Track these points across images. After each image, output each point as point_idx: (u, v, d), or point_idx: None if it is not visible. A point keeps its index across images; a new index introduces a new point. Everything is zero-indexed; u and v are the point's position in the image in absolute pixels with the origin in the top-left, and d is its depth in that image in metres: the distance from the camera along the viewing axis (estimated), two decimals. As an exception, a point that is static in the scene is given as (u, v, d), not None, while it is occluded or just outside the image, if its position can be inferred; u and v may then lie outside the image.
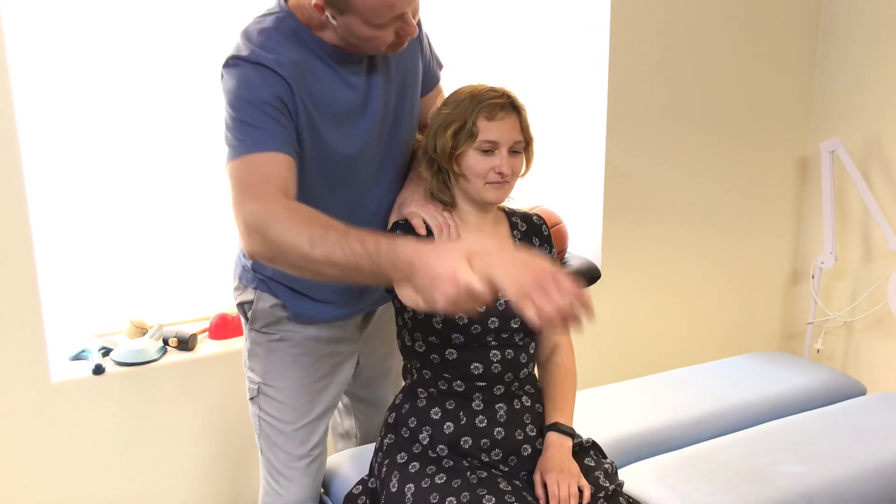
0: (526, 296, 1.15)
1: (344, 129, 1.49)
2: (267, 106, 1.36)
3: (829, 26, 2.97)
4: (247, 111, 1.36)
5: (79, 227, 2.20)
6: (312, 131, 1.44)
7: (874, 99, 2.85)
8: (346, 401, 1.95)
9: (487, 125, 1.50)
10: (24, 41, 2.02)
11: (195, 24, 2.20)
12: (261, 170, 1.33)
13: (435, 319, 1.53)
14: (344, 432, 2.01)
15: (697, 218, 2.94)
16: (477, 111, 1.50)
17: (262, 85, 1.37)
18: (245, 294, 1.69)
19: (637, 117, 2.71)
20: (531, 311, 1.14)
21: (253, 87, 1.37)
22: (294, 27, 1.43)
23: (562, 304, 1.14)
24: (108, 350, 2.19)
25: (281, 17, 1.43)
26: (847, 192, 2.97)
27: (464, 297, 1.16)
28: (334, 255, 1.22)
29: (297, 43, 1.43)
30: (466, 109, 1.50)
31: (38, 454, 2.06)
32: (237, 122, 1.37)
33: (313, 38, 1.43)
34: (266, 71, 1.37)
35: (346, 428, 2.00)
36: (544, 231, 1.70)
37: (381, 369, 1.88)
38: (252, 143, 1.35)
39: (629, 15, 2.60)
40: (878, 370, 2.96)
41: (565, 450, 1.57)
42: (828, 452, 1.93)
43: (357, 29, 1.35)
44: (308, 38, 1.43)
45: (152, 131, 2.22)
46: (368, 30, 1.35)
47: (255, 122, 1.35)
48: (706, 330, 3.08)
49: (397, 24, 1.36)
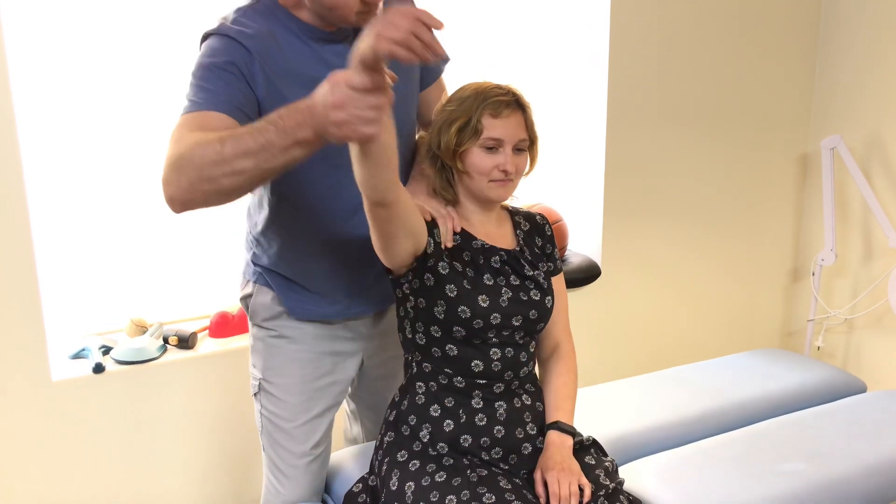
0: (378, 35, 1.10)
1: None
2: (218, 69, 1.39)
3: (829, 24, 2.97)
4: (200, 74, 1.40)
5: (79, 226, 2.20)
6: (278, 100, 1.39)
7: (875, 96, 2.85)
8: (353, 406, 1.94)
9: (492, 123, 1.50)
10: (22, 36, 2.02)
11: (194, 24, 2.20)
12: (193, 124, 1.32)
13: (437, 309, 1.53)
14: (352, 438, 2.00)
15: (698, 215, 2.93)
16: (482, 108, 1.49)
17: (220, 52, 1.41)
18: (246, 288, 1.70)
19: (637, 115, 2.71)
20: (380, 45, 1.09)
21: (212, 54, 1.41)
22: (269, 5, 1.47)
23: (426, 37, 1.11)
24: (108, 348, 2.19)
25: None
26: (847, 189, 2.97)
27: (356, 98, 1.13)
28: (244, 143, 1.20)
29: (270, 18, 1.47)
30: (471, 106, 1.50)
31: (39, 452, 2.06)
32: (191, 86, 1.40)
33: (288, 15, 1.47)
34: (227, 40, 1.42)
35: (353, 434, 1.99)
36: (547, 231, 1.70)
37: (385, 372, 1.85)
38: (195, 103, 1.36)
39: (629, 13, 2.60)
40: (879, 367, 2.96)
41: (566, 448, 1.57)
42: (828, 450, 1.93)
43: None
44: (282, 14, 1.47)
45: (151, 129, 2.22)
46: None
47: (206, 85, 1.38)
48: (706, 327, 3.08)
49: None
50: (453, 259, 1.54)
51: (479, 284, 1.53)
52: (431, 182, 1.58)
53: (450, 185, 1.57)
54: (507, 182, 1.54)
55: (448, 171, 1.56)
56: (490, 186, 1.53)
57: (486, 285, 1.54)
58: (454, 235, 1.55)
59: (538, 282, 1.60)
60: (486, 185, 1.53)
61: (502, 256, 1.58)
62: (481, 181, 1.53)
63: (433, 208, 1.56)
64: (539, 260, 1.65)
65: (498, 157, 1.51)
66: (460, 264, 1.54)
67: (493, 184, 1.53)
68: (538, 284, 1.60)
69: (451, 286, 1.52)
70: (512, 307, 1.55)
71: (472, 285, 1.52)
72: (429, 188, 1.59)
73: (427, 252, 1.52)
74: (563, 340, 1.70)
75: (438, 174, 1.56)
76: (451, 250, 1.55)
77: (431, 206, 1.56)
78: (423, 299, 1.54)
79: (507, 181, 1.53)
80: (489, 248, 1.58)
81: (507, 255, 1.59)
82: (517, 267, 1.59)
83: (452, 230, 1.55)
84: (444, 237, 1.53)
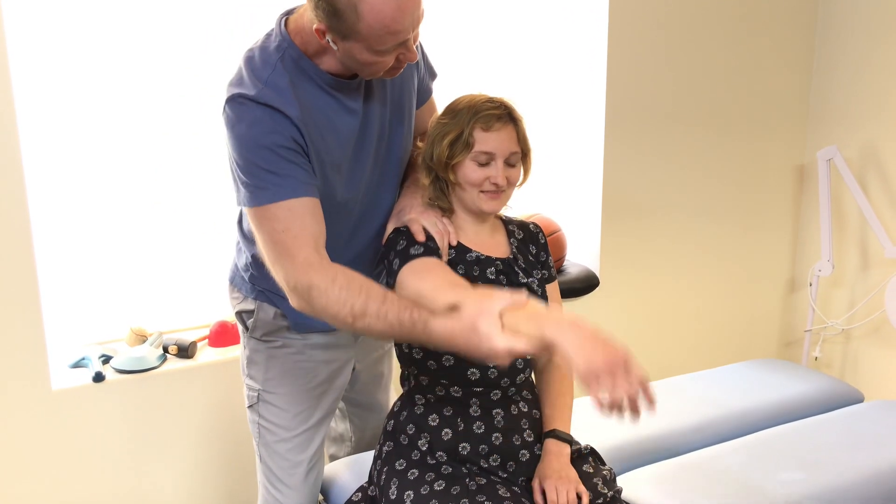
0: (595, 377, 1.15)
1: (347, 154, 1.51)
2: (283, 149, 1.38)
3: (825, 35, 2.99)
4: (264, 156, 1.37)
5: (79, 236, 2.20)
6: (320, 165, 1.46)
7: (870, 107, 2.87)
8: (342, 405, 1.96)
9: (484, 136, 1.51)
10: (25, 53, 2.04)
11: (194, 24, 2.21)
12: (290, 225, 1.37)
13: None
14: (337, 436, 2.01)
15: (696, 226, 2.95)
16: (473, 122, 1.51)
17: (274, 129, 1.37)
18: (245, 303, 1.69)
19: (635, 126, 2.73)
20: (598, 394, 1.14)
21: (266, 131, 1.37)
22: (295, 58, 1.43)
23: (630, 393, 1.14)
24: (108, 358, 2.20)
25: (283, 46, 1.43)
26: (844, 200, 2.98)
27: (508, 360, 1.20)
28: (373, 327, 1.31)
29: (300, 74, 1.43)
30: (463, 120, 1.52)
31: (39, 461, 2.06)
32: (255, 167, 1.37)
33: (314, 69, 1.44)
34: (276, 114, 1.38)
35: (339, 432, 2.00)
36: (541, 239, 1.71)
37: (373, 374, 1.89)
38: (275, 191, 1.37)
39: (625, 29, 2.62)
40: (876, 377, 2.97)
41: (563, 456, 1.57)
42: (826, 459, 1.93)
43: (359, 55, 1.35)
44: (309, 68, 1.43)
45: (151, 141, 2.23)
46: (370, 55, 1.35)
47: (274, 168, 1.37)
48: (704, 337, 3.08)
49: (399, 51, 1.37)
50: None
51: None
52: (426, 192, 1.60)
53: (444, 195, 1.58)
54: (499, 194, 1.55)
55: (442, 182, 1.58)
56: (481, 198, 1.55)
57: None
58: (449, 249, 1.57)
59: (532, 289, 1.61)
60: (477, 196, 1.55)
61: (498, 266, 1.60)
62: (473, 192, 1.54)
63: (429, 223, 1.57)
64: (533, 268, 1.66)
65: (489, 169, 1.52)
66: None
67: (484, 195, 1.54)
68: (532, 292, 1.61)
69: None
70: None
71: None
72: (424, 197, 1.61)
73: None
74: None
75: (433, 184, 1.58)
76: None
77: (428, 221, 1.57)
78: None
79: (499, 193, 1.55)
80: (484, 259, 1.59)
81: (502, 264, 1.60)
82: (511, 275, 1.61)
83: (448, 245, 1.56)
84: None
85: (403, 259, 1.51)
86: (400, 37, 1.33)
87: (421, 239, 1.54)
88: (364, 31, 1.30)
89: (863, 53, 2.88)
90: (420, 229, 1.55)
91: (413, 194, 1.63)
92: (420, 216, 1.58)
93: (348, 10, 1.28)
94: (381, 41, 1.32)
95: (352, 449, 2.00)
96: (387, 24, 1.29)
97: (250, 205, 1.40)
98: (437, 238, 1.55)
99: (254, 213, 1.40)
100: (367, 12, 1.28)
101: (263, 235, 1.40)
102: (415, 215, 1.58)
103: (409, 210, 1.60)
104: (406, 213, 1.60)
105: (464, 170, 1.53)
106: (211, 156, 2.28)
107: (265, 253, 1.41)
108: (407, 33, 1.33)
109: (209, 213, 2.32)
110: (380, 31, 1.30)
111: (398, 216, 1.62)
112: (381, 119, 1.55)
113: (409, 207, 1.61)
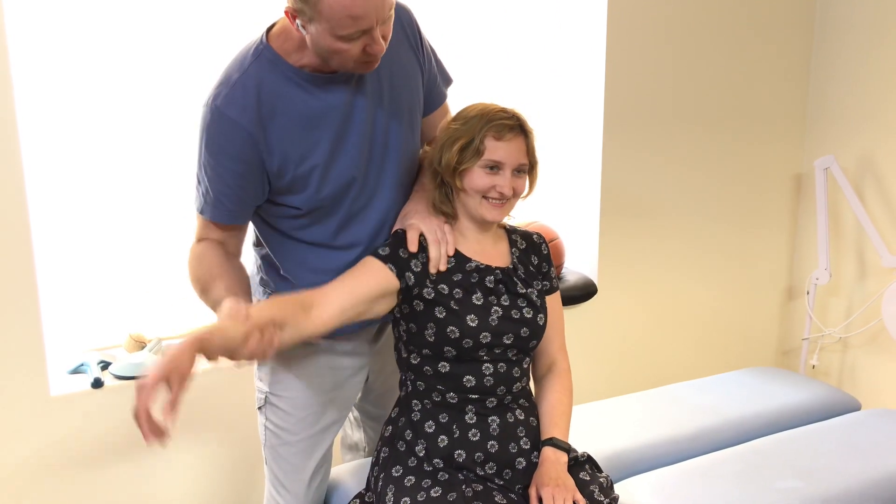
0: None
1: (324, 149, 1.52)
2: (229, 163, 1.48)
3: (822, 45, 3.01)
4: (213, 168, 1.50)
5: (79, 242, 2.21)
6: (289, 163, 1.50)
7: (868, 117, 2.88)
8: (357, 414, 1.96)
9: (495, 145, 1.52)
10: (27, 62, 2.05)
11: (195, 25, 2.22)
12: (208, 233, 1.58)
13: (427, 332, 1.55)
14: (353, 444, 2.01)
15: (694, 234, 2.96)
16: (485, 130, 1.52)
17: (227, 139, 1.47)
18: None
19: (633, 134, 2.74)
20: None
21: (219, 141, 1.48)
22: (270, 58, 1.47)
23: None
24: (107, 364, 2.20)
25: (259, 48, 1.49)
26: (841, 209, 2.99)
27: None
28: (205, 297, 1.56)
29: (273, 72, 1.47)
30: (475, 127, 1.53)
31: (37, 467, 2.06)
32: (204, 175, 1.51)
33: (288, 66, 1.48)
34: (229, 122, 1.46)
35: (354, 440, 2.01)
36: (544, 250, 1.72)
37: (389, 386, 1.86)
38: (212, 211, 1.54)
39: (623, 39, 2.63)
40: (873, 386, 2.97)
41: (560, 464, 1.57)
42: (823, 467, 1.93)
43: (323, 40, 1.38)
44: (285, 68, 1.47)
45: (151, 147, 2.24)
46: (333, 41, 1.37)
47: (218, 186, 1.50)
48: (702, 345, 3.09)
49: (364, 40, 1.38)
50: (440, 282, 1.56)
51: (468, 304, 1.55)
52: (430, 196, 1.61)
53: (448, 200, 1.59)
54: (503, 204, 1.56)
55: (447, 187, 1.58)
56: (484, 206, 1.55)
57: (475, 305, 1.55)
58: (448, 258, 1.57)
59: (531, 299, 1.62)
60: (480, 204, 1.55)
61: (497, 275, 1.60)
62: (477, 200, 1.55)
63: (429, 230, 1.58)
64: (533, 278, 1.66)
65: (497, 178, 1.53)
66: (447, 286, 1.56)
67: (487, 204, 1.55)
68: (531, 302, 1.61)
69: (440, 308, 1.54)
70: (503, 325, 1.56)
71: (459, 305, 1.54)
72: (429, 203, 1.61)
73: (408, 284, 1.54)
74: (559, 359, 1.72)
75: (438, 189, 1.59)
76: (440, 274, 1.56)
77: (428, 228, 1.58)
78: (414, 324, 1.56)
79: (503, 203, 1.56)
80: (484, 269, 1.60)
81: (501, 273, 1.61)
82: (510, 285, 1.61)
83: (446, 254, 1.57)
84: (433, 262, 1.56)
85: (374, 252, 1.58)
86: (362, 23, 1.35)
87: (413, 249, 1.55)
88: (325, 13, 1.33)
89: (860, 63, 2.89)
90: (414, 237, 1.56)
91: (420, 198, 1.64)
92: (422, 222, 1.58)
93: None
94: (342, 25, 1.34)
95: (366, 457, 2.00)
96: (346, 6, 1.32)
97: (196, 207, 1.57)
98: (431, 248, 1.55)
99: (197, 216, 1.59)
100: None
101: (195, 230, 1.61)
102: (415, 221, 1.59)
103: (412, 215, 1.60)
104: (409, 217, 1.61)
105: (471, 176, 1.54)
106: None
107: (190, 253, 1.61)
108: (369, 20, 1.35)
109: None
110: (340, 14, 1.33)
111: (402, 219, 1.62)
112: (372, 116, 1.55)
113: (413, 212, 1.61)
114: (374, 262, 1.55)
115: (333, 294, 1.50)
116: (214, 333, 1.33)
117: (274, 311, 1.42)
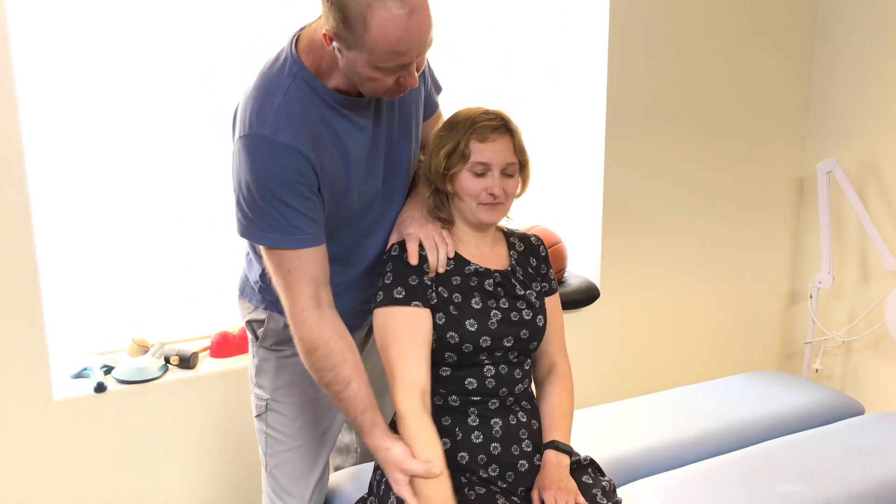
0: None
1: (359, 172, 1.53)
2: (294, 190, 1.41)
3: (824, 47, 3.01)
4: (272, 201, 1.40)
5: (82, 246, 2.21)
6: (332, 188, 1.48)
7: (870, 120, 2.88)
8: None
9: (479, 147, 1.53)
10: (30, 65, 2.05)
11: (196, 26, 2.23)
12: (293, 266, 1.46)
13: None
14: (343, 447, 2.01)
15: (696, 238, 2.96)
16: (469, 133, 1.53)
17: (287, 166, 1.40)
18: (256, 313, 1.71)
19: (635, 138, 2.74)
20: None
21: (279, 168, 1.40)
22: (307, 80, 1.44)
23: None
24: (109, 368, 2.20)
25: (294, 70, 1.44)
26: (844, 212, 2.99)
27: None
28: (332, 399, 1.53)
29: (311, 95, 1.44)
30: (460, 132, 1.54)
31: (40, 471, 2.07)
32: (263, 207, 1.41)
33: (324, 89, 1.45)
34: (291, 150, 1.39)
35: (345, 442, 2.01)
36: (542, 252, 1.72)
37: (377, 386, 1.87)
38: (281, 239, 1.43)
39: (625, 43, 2.64)
40: (877, 390, 2.97)
41: (563, 467, 1.57)
42: (826, 472, 1.93)
43: (360, 68, 1.36)
44: (320, 89, 1.45)
45: (154, 151, 2.24)
46: (370, 71, 1.36)
47: (283, 214, 1.41)
48: (705, 349, 3.09)
49: (400, 73, 1.38)
50: (439, 284, 1.57)
51: (467, 309, 1.55)
52: (426, 203, 1.62)
53: (444, 206, 1.60)
54: (497, 205, 1.57)
55: (441, 193, 1.59)
56: (479, 209, 1.56)
57: (474, 309, 1.56)
58: (448, 261, 1.58)
59: (530, 301, 1.62)
60: (475, 208, 1.56)
61: (496, 278, 1.61)
62: (470, 203, 1.56)
63: (426, 236, 1.58)
64: (532, 280, 1.67)
65: (486, 180, 1.54)
66: (447, 289, 1.56)
67: (481, 206, 1.56)
68: (530, 304, 1.62)
69: (440, 314, 1.54)
70: (502, 328, 1.57)
71: (458, 310, 1.55)
72: (425, 210, 1.62)
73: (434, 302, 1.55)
74: (559, 360, 1.72)
75: (433, 196, 1.60)
76: (439, 277, 1.57)
77: (426, 235, 1.58)
78: None
79: (497, 204, 1.56)
80: (483, 272, 1.60)
81: (500, 276, 1.61)
82: (509, 287, 1.62)
83: (446, 256, 1.57)
84: (431, 266, 1.56)
85: (387, 293, 1.55)
86: (404, 58, 1.34)
87: (414, 262, 1.55)
88: (369, 45, 1.31)
89: (862, 65, 2.89)
90: (414, 249, 1.56)
91: (415, 206, 1.65)
92: (419, 229, 1.59)
93: (358, 20, 1.30)
94: (384, 58, 1.33)
95: (357, 460, 2.00)
96: (392, 43, 1.30)
97: (258, 243, 1.47)
98: (429, 254, 1.56)
99: (268, 256, 1.48)
100: (376, 27, 1.29)
101: (270, 265, 1.49)
102: (413, 229, 1.59)
103: (409, 223, 1.61)
104: (406, 225, 1.61)
105: (461, 181, 1.55)
106: (213, 167, 2.29)
107: (272, 276, 1.50)
108: (411, 56, 1.35)
109: (212, 224, 2.33)
110: (384, 48, 1.31)
111: (398, 228, 1.63)
112: (389, 134, 1.57)
113: (409, 220, 1.62)
114: (405, 311, 1.53)
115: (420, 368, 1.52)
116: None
117: (437, 443, 1.49)
